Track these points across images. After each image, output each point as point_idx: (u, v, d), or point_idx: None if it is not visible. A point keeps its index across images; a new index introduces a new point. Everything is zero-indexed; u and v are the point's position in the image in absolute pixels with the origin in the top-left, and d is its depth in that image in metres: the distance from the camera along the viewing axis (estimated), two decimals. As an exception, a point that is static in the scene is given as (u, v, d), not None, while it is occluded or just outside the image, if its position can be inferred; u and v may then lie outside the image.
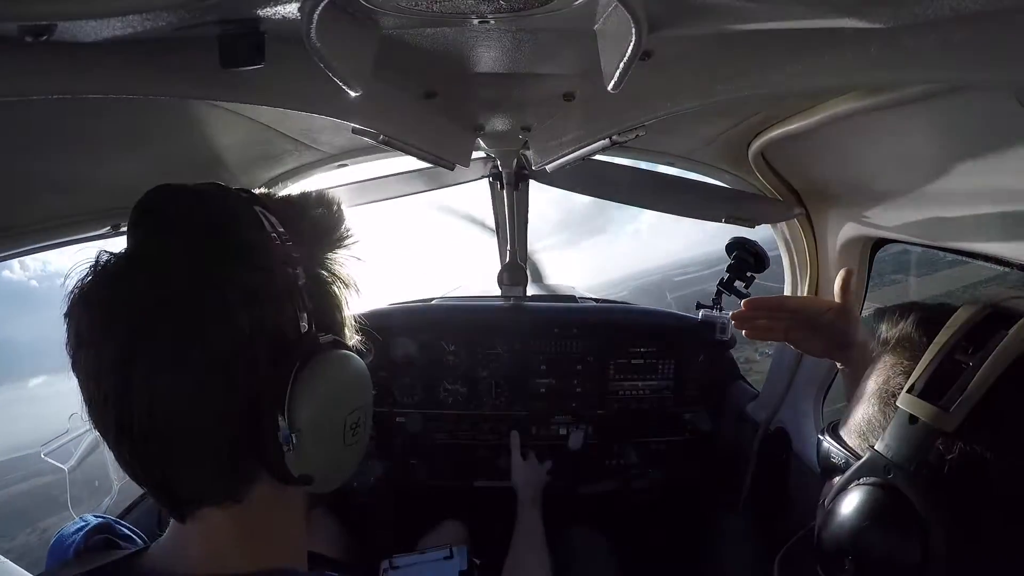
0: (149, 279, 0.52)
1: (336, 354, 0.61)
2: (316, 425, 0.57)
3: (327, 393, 0.59)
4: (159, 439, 0.52)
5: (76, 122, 0.89)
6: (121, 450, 0.54)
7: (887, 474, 0.54)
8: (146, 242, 0.56)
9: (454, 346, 2.15)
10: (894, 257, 4.03)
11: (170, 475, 0.55)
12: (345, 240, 0.69)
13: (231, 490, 0.57)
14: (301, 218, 0.65)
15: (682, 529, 2.08)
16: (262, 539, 0.62)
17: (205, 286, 0.52)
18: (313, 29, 0.53)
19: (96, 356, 0.52)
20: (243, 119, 1.12)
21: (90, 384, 0.53)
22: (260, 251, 0.56)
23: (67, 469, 1.50)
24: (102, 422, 0.53)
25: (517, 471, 1.96)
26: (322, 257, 0.66)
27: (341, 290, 0.67)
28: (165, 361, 0.51)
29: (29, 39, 0.51)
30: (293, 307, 0.57)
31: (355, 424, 0.63)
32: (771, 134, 1.27)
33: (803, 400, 1.73)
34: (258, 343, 0.54)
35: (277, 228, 0.59)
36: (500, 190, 2.01)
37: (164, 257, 0.53)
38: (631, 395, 2.17)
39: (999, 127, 0.80)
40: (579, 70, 0.91)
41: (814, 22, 0.62)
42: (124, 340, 0.51)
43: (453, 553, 1.40)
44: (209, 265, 0.53)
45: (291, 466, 0.56)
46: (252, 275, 0.54)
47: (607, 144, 1.07)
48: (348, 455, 0.64)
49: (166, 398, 0.51)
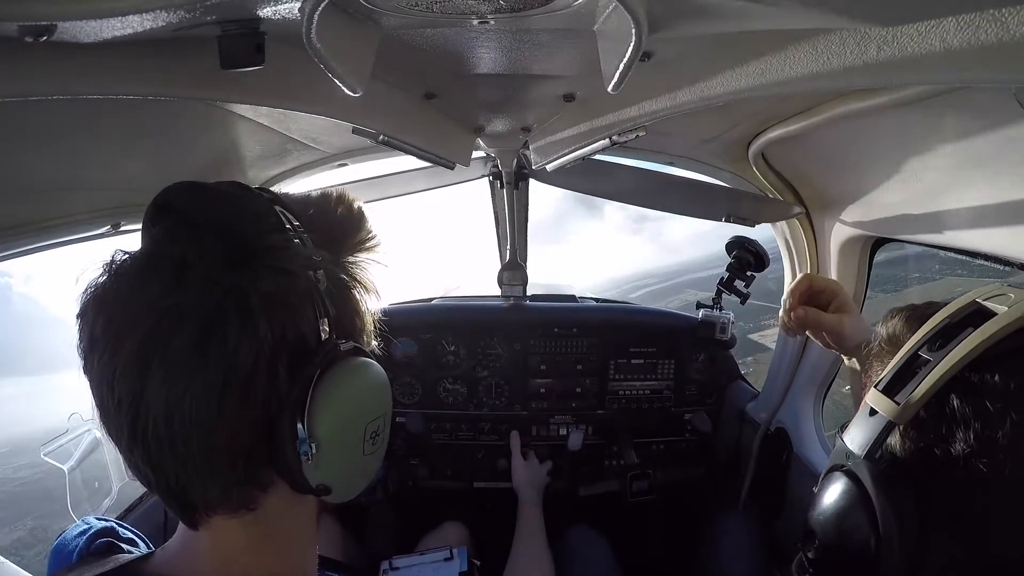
0: (167, 282, 0.50)
1: (356, 362, 0.59)
2: (335, 434, 0.55)
3: (347, 402, 0.57)
4: (174, 447, 0.50)
5: (76, 122, 0.89)
6: (133, 457, 0.52)
7: (847, 460, 0.58)
8: (163, 242, 0.53)
9: (454, 346, 2.15)
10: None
11: (184, 483, 0.53)
12: (367, 243, 0.67)
13: (246, 499, 0.55)
14: (322, 219, 0.63)
15: (682, 529, 2.08)
16: (274, 548, 0.61)
17: (225, 291, 0.50)
18: (313, 29, 0.53)
19: (110, 360, 0.50)
20: (243, 119, 1.12)
21: (103, 388, 0.51)
22: (282, 254, 0.54)
23: (67, 469, 1.49)
24: (115, 427, 0.52)
25: (517, 472, 1.95)
26: (343, 260, 0.63)
27: (361, 295, 0.65)
28: (182, 368, 0.49)
29: (29, 39, 0.51)
30: (314, 313, 0.55)
31: (375, 433, 0.61)
32: (771, 134, 1.27)
33: (803, 400, 1.73)
34: (279, 350, 0.52)
35: (299, 230, 0.57)
36: (500, 189, 2.01)
37: (182, 259, 0.51)
38: (631, 395, 2.17)
39: (999, 127, 0.80)
40: (579, 70, 0.91)
41: (814, 22, 0.62)
42: (140, 344, 0.49)
43: (453, 554, 1.40)
44: (229, 268, 0.51)
45: (309, 476, 0.54)
46: (274, 279, 0.52)
47: (607, 144, 1.07)
48: (367, 464, 0.62)
49: (182, 405, 0.49)
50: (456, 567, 1.36)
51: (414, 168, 1.77)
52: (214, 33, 0.58)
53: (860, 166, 1.20)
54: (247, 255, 0.52)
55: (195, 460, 0.51)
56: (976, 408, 0.49)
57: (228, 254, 0.52)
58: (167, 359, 0.49)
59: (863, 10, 0.56)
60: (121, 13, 0.49)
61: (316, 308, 0.55)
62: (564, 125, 1.23)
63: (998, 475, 0.48)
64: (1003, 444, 0.47)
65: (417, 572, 1.36)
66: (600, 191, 1.77)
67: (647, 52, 0.77)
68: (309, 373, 0.54)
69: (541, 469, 2.00)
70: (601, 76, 0.66)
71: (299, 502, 0.60)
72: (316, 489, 0.56)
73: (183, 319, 0.49)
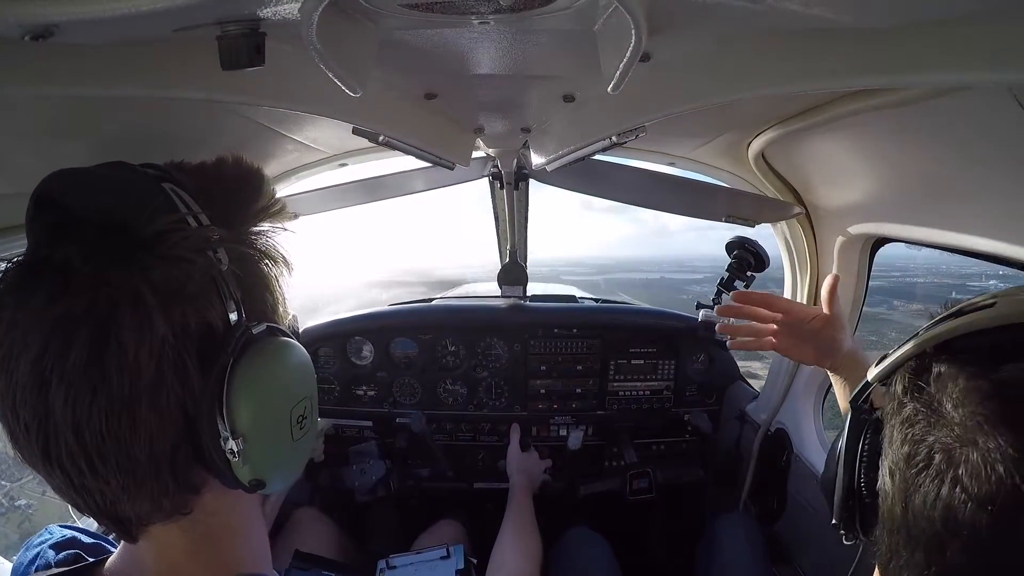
0: (52, 291, 0.45)
1: (272, 344, 0.55)
2: (260, 426, 0.52)
3: (268, 388, 0.53)
4: (92, 466, 0.47)
5: (76, 122, 0.89)
6: (54, 480, 0.49)
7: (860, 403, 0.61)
8: (44, 244, 0.48)
9: (454, 346, 2.15)
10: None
11: (112, 499, 0.49)
12: (270, 209, 0.61)
13: (179, 504, 0.53)
14: (217, 190, 0.57)
15: (682, 529, 2.08)
16: (219, 547, 0.58)
17: (115, 290, 0.46)
18: (313, 29, 0.53)
19: (7, 384, 0.46)
20: (243, 119, 1.12)
21: (7, 414, 0.47)
22: (174, 239, 0.49)
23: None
24: (27, 453, 0.48)
25: (512, 458, 1.94)
26: (245, 232, 0.58)
27: (270, 268, 0.59)
28: (82, 383, 0.45)
29: (29, 39, 0.51)
30: (219, 297, 0.51)
31: (301, 416, 0.57)
32: (771, 134, 1.27)
33: (803, 401, 1.73)
34: (184, 346, 0.48)
35: (192, 207, 0.52)
36: (500, 189, 2.01)
37: (66, 261, 0.46)
38: (631, 395, 2.17)
39: (999, 127, 0.80)
40: (579, 70, 0.91)
41: (813, 23, 0.62)
42: (34, 364, 0.45)
43: (450, 552, 1.40)
44: (116, 265, 0.46)
45: (239, 473, 0.52)
46: (167, 269, 0.48)
47: (607, 144, 1.07)
48: (298, 450, 0.58)
49: (92, 422, 0.45)
50: (453, 565, 1.36)
51: (414, 168, 1.77)
52: (214, 33, 0.58)
53: (860, 166, 1.20)
54: (134, 247, 0.48)
55: (117, 477, 0.48)
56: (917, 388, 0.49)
57: (114, 249, 0.47)
58: (65, 377, 0.45)
59: (863, 10, 0.56)
60: (122, 13, 0.49)
61: (220, 292, 0.51)
62: (564, 125, 1.23)
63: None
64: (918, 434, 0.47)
65: (414, 571, 1.36)
66: (600, 191, 1.77)
67: (647, 53, 0.77)
68: (222, 364, 0.50)
69: (536, 458, 1.99)
70: (601, 76, 0.66)
71: (237, 496, 0.57)
72: (249, 485, 0.53)
73: (74, 330, 0.45)
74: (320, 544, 1.62)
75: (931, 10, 0.55)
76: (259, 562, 0.62)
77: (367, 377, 2.15)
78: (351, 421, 2.13)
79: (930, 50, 0.58)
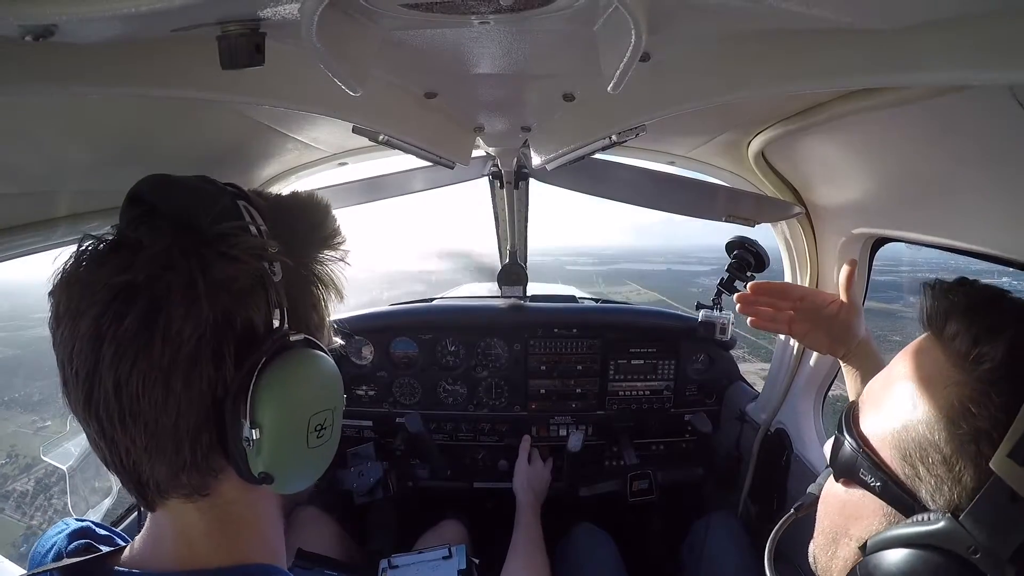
0: (121, 263, 0.53)
1: (306, 352, 0.60)
2: (277, 423, 0.56)
3: (291, 391, 0.58)
4: (123, 422, 0.52)
5: (76, 122, 0.89)
6: (90, 430, 0.55)
7: (972, 554, 0.45)
8: (126, 229, 0.57)
9: (454, 346, 2.15)
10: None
11: (135, 459, 0.54)
12: (330, 241, 0.68)
13: (197, 484, 0.57)
14: (287, 215, 0.65)
15: (682, 529, 2.08)
16: (234, 535, 0.61)
17: (174, 272, 0.52)
18: (313, 29, 0.53)
19: (70, 335, 0.53)
20: (243, 119, 1.12)
21: (64, 361, 0.54)
22: (232, 241, 0.56)
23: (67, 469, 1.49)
24: (72, 399, 0.54)
25: (519, 474, 1.93)
26: (305, 256, 0.65)
27: (319, 290, 0.67)
28: (130, 345, 0.51)
29: (29, 39, 0.51)
30: (266, 302, 0.57)
31: (320, 426, 0.61)
32: (771, 134, 1.27)
33: (803, 401, 1.73)
34: (224, 334, 0.54)
35: (257, 221, 0.59)
36: (500, 189, 2.01)
37: (138, 241, 0.54)
38: (631, 395, 2.17)
39: (999, 127, 0.80)
40: (579, 70, 0.91)
41: (813, 23, 0.62)
42: (94, 321, 0.51)
43: (452, 552, 1.40)
44: (180, 253, 0.53)
45: (252, 464, 0.56)
46: (222, 266, 0.54)
47: (607, 144, 1.07)
48: (312, 458, 0.61)
49: (130, 382, 0.51)
50: (455, 565, 1.37)
51: (414, 168, 1.77)
52: (214, 33, 0.58)
53: (860, 166, 1.20)
54: (199, 242, 0.54)
55: (143, 437, 0.53)
56: None
57: (181, 239, 0.54)
58: (117, 336, 0.51)
59: (863, 10, 0.56)
60: (121, 13, 0.49)
61: (268, 298, 0.57)
62: (564, 125, 1.23)
63: None
64: None
65: (416, 570, 1.36)
66: (600, 191, 1.78)
67: (647, 53, 0.77)
68: (255, 360, 0.55)
69: (545, 472, 1.98)
70: (601, 76, 0.66)
71: (254, 490, 0.60)
72: (259, 477, 0.57)
73: (131, 298, 0.51)
74: (322, 543, 1.62)
75: (931, 10, 0.55)
76: (272, 557, 0.65)
77: (367, 377, 2.16)
78: (351, 421, 2.13)
79: (930, 50, 0.58)
